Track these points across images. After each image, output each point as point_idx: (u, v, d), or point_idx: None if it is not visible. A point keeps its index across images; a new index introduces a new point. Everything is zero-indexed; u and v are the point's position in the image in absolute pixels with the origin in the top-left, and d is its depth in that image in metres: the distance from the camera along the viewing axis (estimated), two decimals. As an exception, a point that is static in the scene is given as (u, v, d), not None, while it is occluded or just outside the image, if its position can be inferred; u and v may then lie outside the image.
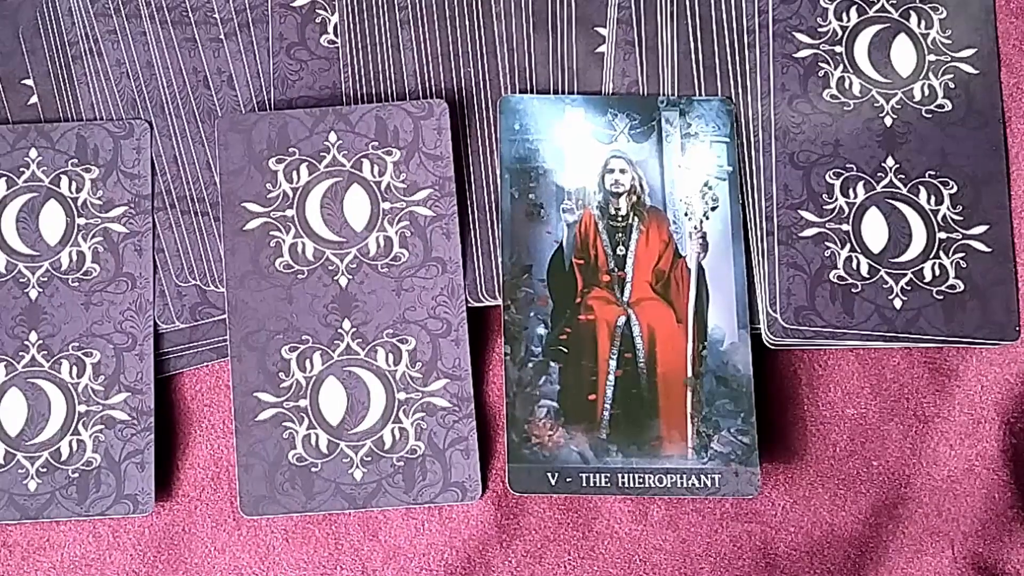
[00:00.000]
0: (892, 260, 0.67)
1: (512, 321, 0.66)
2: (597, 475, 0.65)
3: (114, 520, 0.67)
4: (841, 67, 0.70)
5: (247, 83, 0.70)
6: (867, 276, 0.67)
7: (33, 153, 0.69)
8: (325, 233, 0.67)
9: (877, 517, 0.67)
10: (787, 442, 0.68)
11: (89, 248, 0.68)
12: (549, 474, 0.65)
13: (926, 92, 0.70)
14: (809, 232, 0.67)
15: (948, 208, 0.68)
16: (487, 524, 0.67)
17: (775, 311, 0.66)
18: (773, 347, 0.67)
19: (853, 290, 0.67)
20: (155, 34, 0.70)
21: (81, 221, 0.68)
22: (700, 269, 0.67)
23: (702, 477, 0.65)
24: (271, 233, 0.67)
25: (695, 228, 0.68)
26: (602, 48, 0.70)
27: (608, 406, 0.66)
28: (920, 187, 0.68)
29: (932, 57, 0.70)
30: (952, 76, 0.70)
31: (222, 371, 0.69)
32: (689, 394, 0.66)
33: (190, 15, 0.70)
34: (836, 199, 0.68)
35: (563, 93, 0.70)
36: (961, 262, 0.68)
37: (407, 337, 0.66)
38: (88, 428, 0.66)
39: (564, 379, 0.66)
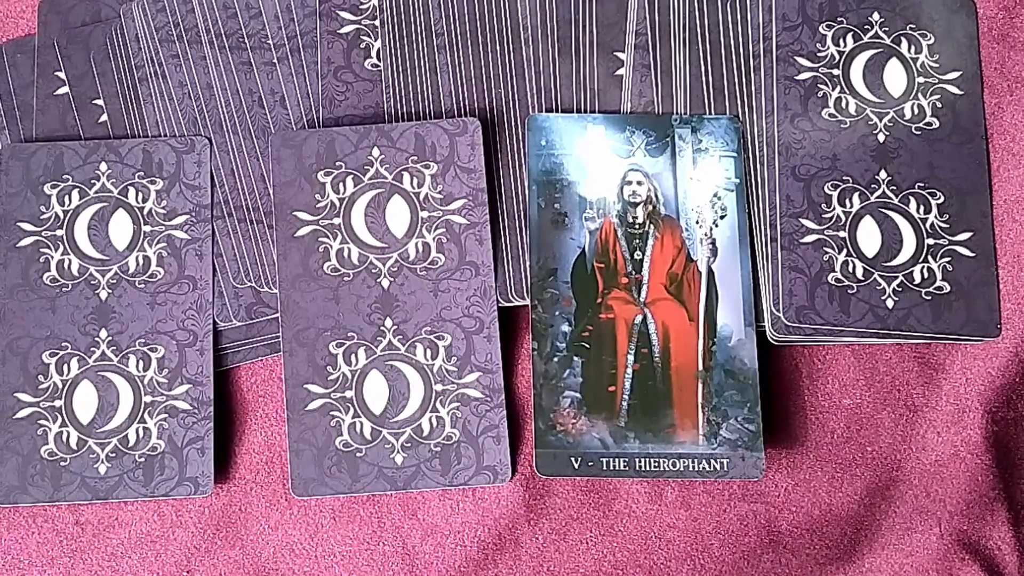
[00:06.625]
0: (885, 264, 0.69)
1: (539, 319, 0.68)
2: (616, 460, 0.66)
3: (177, 501, 0.69)
4: (838, 88, 0.71)
5: (298, 103, 0.71)
6: (862, 278, 0.68)
7: (103, 167, 0.70)
8: (369, 239, 0.69)
9: (871, 498, 0.69)
10: (789, 429, 0.70)
11: (154, 253, 0.70)
12: (573, 459, 0.66)
13: (916, 111, 0.71)
14: (809, 238, 0.69)
15: (936, 217, 0.69)
16: (516, 504, 0.68)
17: (778, 310, 0.68)
18: (776, 343, 0.69)
19: (849, 291, 0.68)
20: (214, 58, 0.72)
21: (147, 228, 0.70)
22: (710, 272, 0.69)
23: (712, 461, 0.66)
24: (320, 239, 0.69)
25: (705, 235, 0.69)
26: (621, 71, 0.71)
27: (626, 397, 0.67)
28: (910, 197, 0.70)
29: (921, 79, 0.71)
30: (939, 96, 0.71)
31: (275, 365, 0.70)
32: (700, 386, 0.67)
33: (246, 41, 0.72)
34: (834, 208, 0.69)
35: (585, 112, 0.71)
36: (948, 266, 0.69)
37: (443, 334, 0.68)
38: (153, 417, 0.68)
39: (586, 372, 0.67)
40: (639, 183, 0.70)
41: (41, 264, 0.70)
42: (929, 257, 0.69)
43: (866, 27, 0.72)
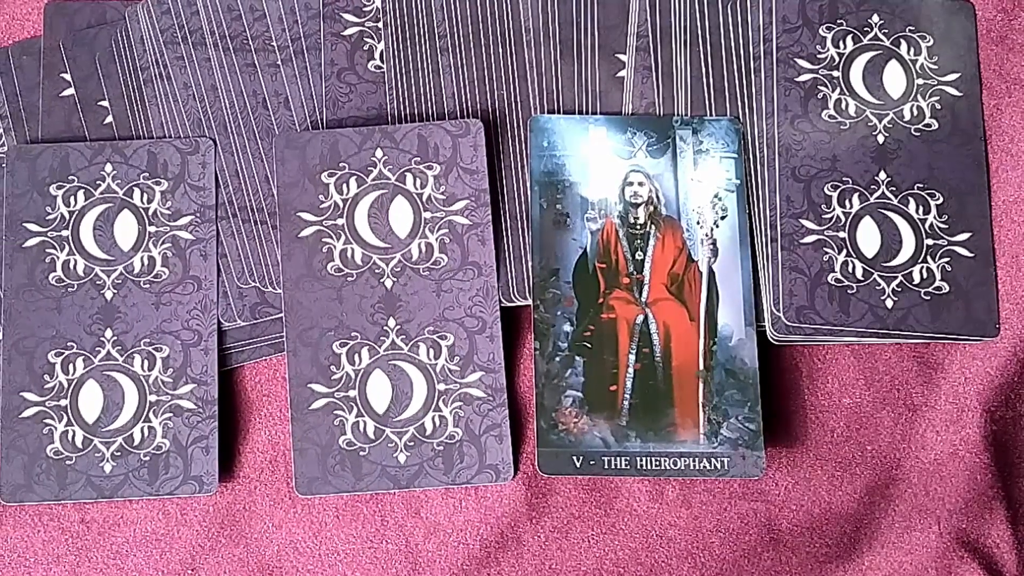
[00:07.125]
0: (884, 264, 0.69)
1: (541, 319, 0.68)
2: (618, 458, 0.67)
3: (181, 499, 0.69)
4: (838, 90, 0.71)
5: (302, 104, 0.71)
6: (861, 278, 0.69)
7: (108, 168, 0.71)
8: (372, 240, 0.69)
9: (870, 496, 0.69)
10: (789, 428, 0.70)
11: (159, 253, 0.70)
12: (574, 457, 0.67)
13: (915, 113, 0.71)
14: (809, 239, 0.69)
15: (935, 217, 0.70)
16: (518, 503, 0.69)
17: (778, 310, 0.68)
18: (777, 343, 0.69)
19: (849, 291, 0.69)
20: (218, 60, 0.72)
21: (152, 229, 0.70)
22: (711, 272, 0.69)
23: (712, 460, 0.67)
24: (323, 240, 0.69)
25: (706, 235, 0.69)
26: (622, 73, 0.72)
27: (628, 396, 0.67)
28: (909, 198, 0.70)
29: (920, 81, 0.72)
30: (938, 98, 0.72)
31: (279, 364, 0.71)
32: (701, 385, 0.67)
33: (250, 43, 0.72)
34: (833, 209, 0.70)
35: (587, 114, 0.71)
36: (947, 266, 0.69)
37: (446, 334, 0.68)
38: (158, 416, 0.68)
39: (588, 372, 0.67)
40: (640, 184, 0.70)
41: (47, 264, 0.70)
42: (928, 257, 0.70)
43: (866, 29, 0.73)
